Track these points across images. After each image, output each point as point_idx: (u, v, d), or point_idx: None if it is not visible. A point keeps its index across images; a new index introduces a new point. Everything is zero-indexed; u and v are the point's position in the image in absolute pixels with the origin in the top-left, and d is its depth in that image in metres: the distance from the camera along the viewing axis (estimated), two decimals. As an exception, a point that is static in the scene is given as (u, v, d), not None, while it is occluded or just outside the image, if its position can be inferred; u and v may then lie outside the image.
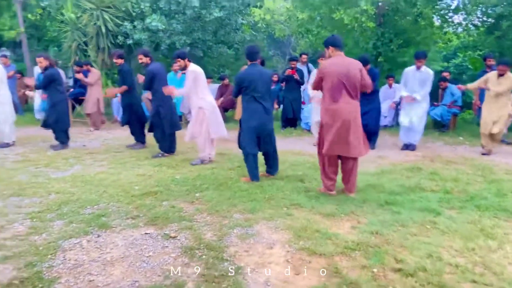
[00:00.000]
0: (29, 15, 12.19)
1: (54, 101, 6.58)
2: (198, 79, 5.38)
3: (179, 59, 5.44)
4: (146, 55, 6.02)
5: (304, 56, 9.26)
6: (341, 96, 3.90)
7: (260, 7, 10.52)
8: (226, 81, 9.43)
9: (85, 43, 10.58)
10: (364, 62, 5.55)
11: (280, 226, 3.36)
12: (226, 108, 9.47)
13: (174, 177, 4.82)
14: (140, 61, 6.10)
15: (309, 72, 9.35)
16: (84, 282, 2.51)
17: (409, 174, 5.06)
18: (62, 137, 6.75)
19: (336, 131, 3.91)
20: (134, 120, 6.78)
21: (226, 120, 9.50)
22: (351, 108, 3.93)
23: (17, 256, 2.81)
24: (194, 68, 5.41)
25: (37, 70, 9.31)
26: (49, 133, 7.59)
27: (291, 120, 8.68)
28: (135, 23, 9.83)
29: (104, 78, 10.57)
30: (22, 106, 10.24)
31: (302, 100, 8.87)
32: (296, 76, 8.44)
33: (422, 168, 5.33)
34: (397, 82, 8.49)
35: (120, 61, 6.67)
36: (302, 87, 8.93)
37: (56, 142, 6.78)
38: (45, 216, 3.56)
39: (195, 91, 5.40)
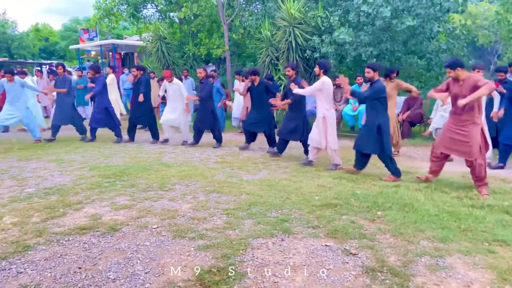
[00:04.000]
0: (233, 35, 14.05)
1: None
2: (325, 89, 6.06)
3: (319, 68, 6.09)
4: (293, 69, 6.73)
5: (515, 65, 7.85)
6: None
7: (462, 12, 9.41)
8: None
9: (277, 58, 11.52)
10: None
11: (479, 264, 2.90)
12: (413, 123, 8.84)
13: (354, 192, 4.74)
14: (287, 73, 6.76)
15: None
16: (269, 282, 2.68)
17: None
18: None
19: None
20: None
21: (413, 135, 8.90)
22: None
23: (215, 247, 3.22)
24: (325, 80, 6.07)
25: (237, 83, 10.61)
26: (242, 138, 8.47)
27: (493, 139, 7.46)
28: (323, 37, 10.17)
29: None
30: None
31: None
32: (500, 89, 7.22)
33: None
34: None
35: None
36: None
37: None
38: (238, 214, 3.98)
39: (322, 100, 6.11)
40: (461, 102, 4.57)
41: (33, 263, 2.95)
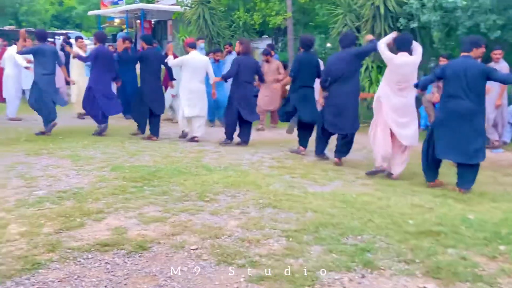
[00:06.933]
0: (300, -3, 14.02)
1: None
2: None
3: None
4: None
5: None
6: None
7: None
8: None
9: (357, 29, 11.38)
10: None
11: None
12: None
13: (465, 216, 4.60)
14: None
15: None
16: (345, 331, 2.68)
17: None
18: None
19: None
20: None
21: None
22: None
23: (272, 279, 3.25)
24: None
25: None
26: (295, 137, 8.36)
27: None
28: (425, 0, 9.90)
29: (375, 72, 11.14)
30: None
31: None
32: None
33: None
34: None
35: None
36: None
37: None
38: (301, 237, 4.00)
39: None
40: None
41: (45, 285, 3.15)
